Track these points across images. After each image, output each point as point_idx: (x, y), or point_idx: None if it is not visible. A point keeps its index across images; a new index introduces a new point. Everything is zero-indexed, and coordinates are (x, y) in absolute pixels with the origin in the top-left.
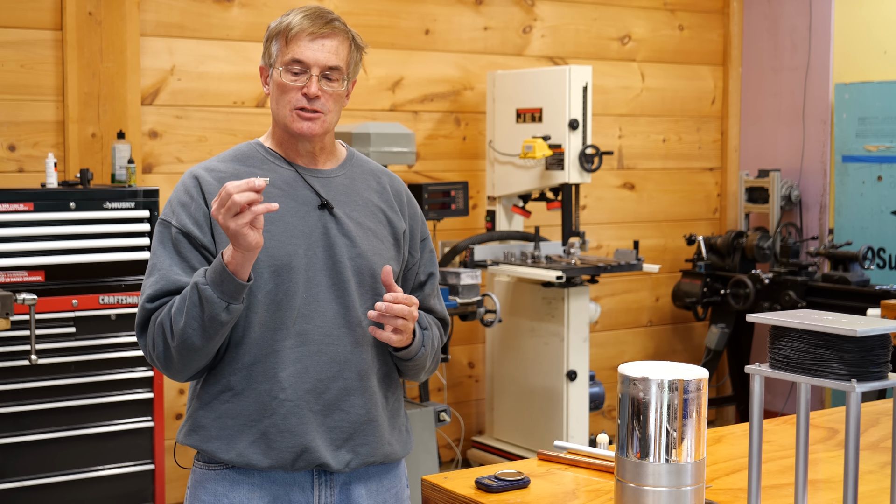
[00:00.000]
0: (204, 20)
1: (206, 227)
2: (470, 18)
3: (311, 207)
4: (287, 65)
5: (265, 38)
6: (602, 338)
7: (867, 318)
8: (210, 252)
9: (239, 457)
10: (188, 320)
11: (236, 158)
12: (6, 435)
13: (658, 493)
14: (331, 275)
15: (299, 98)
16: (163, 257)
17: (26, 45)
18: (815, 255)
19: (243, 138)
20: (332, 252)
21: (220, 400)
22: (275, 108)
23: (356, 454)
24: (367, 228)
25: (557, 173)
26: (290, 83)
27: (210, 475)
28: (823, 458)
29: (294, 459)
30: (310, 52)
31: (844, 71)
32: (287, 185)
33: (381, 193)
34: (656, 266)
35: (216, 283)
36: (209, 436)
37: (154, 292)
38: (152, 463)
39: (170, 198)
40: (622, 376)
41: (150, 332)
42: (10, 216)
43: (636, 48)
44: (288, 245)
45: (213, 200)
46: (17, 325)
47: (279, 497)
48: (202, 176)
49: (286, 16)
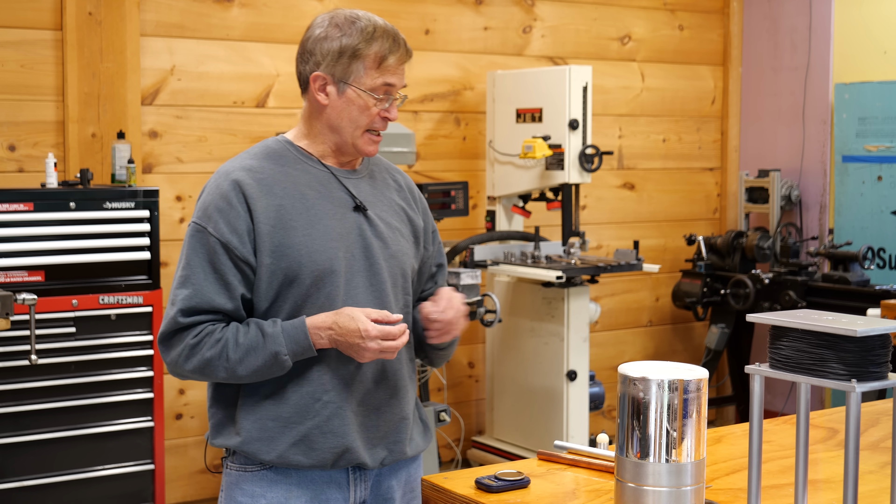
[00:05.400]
0: (204, 20)
1: (247, 237)
2: (470, 18)
3: (346, 209)
4: (376, 89)
5: (335, 49)
6: (602, 338)
7: (867, 318)
8: (248, 265)
9: (280, 458)
10: (251, 374)
11: (269, 157)
12: (6, 435)
13: (658, 493)
14: (368, 276)
15: (378, 121)
16: (197, 269)
17: (26, 45)
18: (815, 255)
19: (243, 138)
20: (370, 253)
21: (262, 403)
22: (343, 124)
23: (390, 451)
24: (395, 228)
25: (557, 173)
26: (376, 107)
27: (247, 476)
28: (823, 458)
29: (335, 460)
30: (396, 78)
31: (844, 71)
32: (322, 186)
33: (399, 191)
34: (656, 266)
35: (297, 354)
36: (250, 437)
37: (187, 307)
38: (152, 463)
39: (203, 199)
40: (622, 376)
41: (179, 347)
42: (10, 216)
43: (636, 48)
44: (328, 249)
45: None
46: (17, 325)
47: (316, 496)
48: (242, 180)
49: (367, 34)
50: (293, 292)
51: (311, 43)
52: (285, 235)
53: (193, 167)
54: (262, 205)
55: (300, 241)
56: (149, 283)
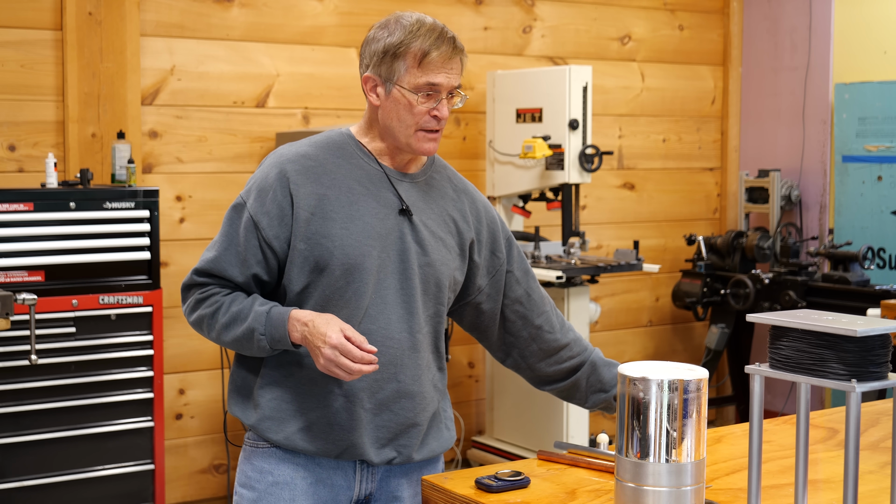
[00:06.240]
0: (204, 20)
1: (276, 220)
2: (470, 18)
3: (391, 211)
4: (419, 88)
5: (380, 49)
6: (602, 338)
7: (867, 318)
8: (272, 248)
9: (286, 440)
10: (232, 343)
11: (329, 148)
12: (6, 435)
13: (658, 493)
14: (400, 279)
15: (428, 120)
16: (224, 237)
17: (26, 45)
18: (815, 255)
19: (243, 138)
20: (405, 257)
21: (280, 383)
22: (394, 124)
23: (399, 453)
24: (439, 238)
25: (557, 173)
26: (421, 106)
27: (259, 452)
28: (823, 458)
29: (339, 452)
30: (443, 76)
31: (844, 71)
32: (372, 184)
33: (457, 202)
34: (656, 266)
35: (274, 339)
36: (263, 415)
37: (202, 268)
38: (152, 463)
39: (254, 176)
40: (622, 376)
41: (189, 299)
42: (10, 216)
43: (636, 48)
44: (363, 245)
45: (337, 334)
46: (17, 325)
47: (322, 479)
48: (291, 164)
49: (409, 33)
50: (323, 282)
51: (363, 46)
52: (323, 225)
53: (193, 167)
54: (305, 192)
55: (336, 233)
56: (149, 283)
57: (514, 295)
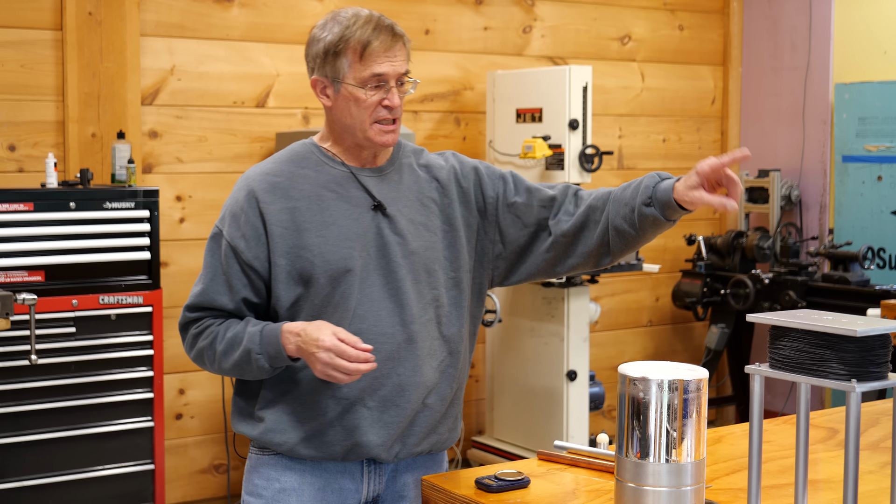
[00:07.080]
0: (204, 20)
1: (253, 241)
2: (470, 18)
3: (364, 209)
4: (364, 81)
5: (321, 50)
6: (602, 338)
7: (867, 318)
8: (254, 270)
9: (291, 451)
10: (232, 368)
11: (293, 160)
12: (6, 435)
13: (658, 493)
14: (384, 274)
15: (381, 111)
16: (208, 268)
17: (26, 45)
18: (815, 255)
19: (243, 138)
20: (385, 252)
21: (279, 401)
22: (348, 121)
23: (404, 444)
24: (419, 224)
25: (557, 173)
26: (371, 98)
27: (264, 460)
28: (823, 458)
29: (345, 454)
30: (387, 65)
31: (844, 71)
32: (340, 186)
33: (432, 182)
34: (656, 266)
35: (271, 356)
36: (266, 428)
37: (193, 303)
38: (152, 463)
39: (225, 203)
40: (622, 376)
41: (186, 337)
42: (10, 216)
43: (636, 48)
44: (343, 249)
45: (332, 339)
46: (17, 325)
47: (329, 484)
48: (257, 185)
49: (346, 28)
50: (311, 292)
51: (306, 49)
52: (298, 237)
53: (193, 167)
54: (275, 208)
55: (313, 242)
56: (149, 283)
57: (529, 206)
